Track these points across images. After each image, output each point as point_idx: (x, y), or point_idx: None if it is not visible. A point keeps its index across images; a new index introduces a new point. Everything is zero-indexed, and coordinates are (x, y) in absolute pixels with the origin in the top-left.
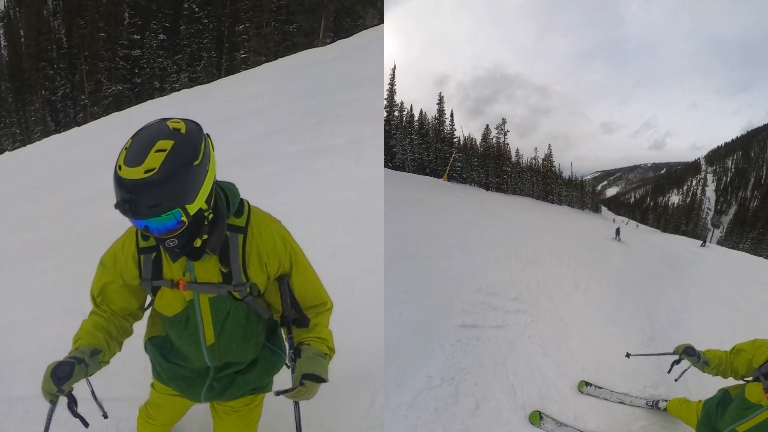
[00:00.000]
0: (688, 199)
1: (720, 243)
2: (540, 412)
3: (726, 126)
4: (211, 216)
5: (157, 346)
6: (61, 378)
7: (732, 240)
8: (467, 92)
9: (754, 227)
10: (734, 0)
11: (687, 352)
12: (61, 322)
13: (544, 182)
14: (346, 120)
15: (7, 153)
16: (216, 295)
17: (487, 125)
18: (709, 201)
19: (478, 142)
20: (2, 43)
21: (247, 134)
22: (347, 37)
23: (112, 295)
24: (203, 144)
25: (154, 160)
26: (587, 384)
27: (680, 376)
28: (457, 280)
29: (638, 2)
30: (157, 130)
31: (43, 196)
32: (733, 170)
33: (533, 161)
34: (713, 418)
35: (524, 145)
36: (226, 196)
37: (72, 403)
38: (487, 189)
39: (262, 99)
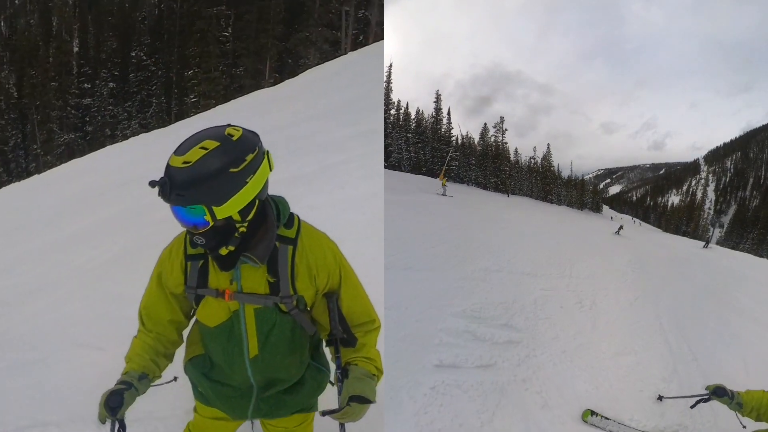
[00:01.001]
0: (688, 199)
1: (720, 243)
2: None
3: (725, 127)
4: (243, 229)
5: (197, 365)
6: (114, 408)
7: (732, 240)
8: (466, 91)
9: (754, 228)
10: (735, 1)
11: (717, 392)
12: (76, 356)
13: (543, 182)
14: (347, 140)
15: None
16: (262, 306)
17: (485, 124)
18: (710, 202)
19: (476, 141)
20: None
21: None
22: (292, 77)
23: (157, 309)
24: (252, 155)
25: (194, 154)
26: (593, 413)
27: (695, 404)
28: (439, 299)
29: (639, 2)
30: (214, 131)
31: (27, 239)
32: (732, 171)
33: (532, 161)
34: None
35: (523, 145)
36: (277, 207)
37: (121, 429)
38: (500, 192)
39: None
